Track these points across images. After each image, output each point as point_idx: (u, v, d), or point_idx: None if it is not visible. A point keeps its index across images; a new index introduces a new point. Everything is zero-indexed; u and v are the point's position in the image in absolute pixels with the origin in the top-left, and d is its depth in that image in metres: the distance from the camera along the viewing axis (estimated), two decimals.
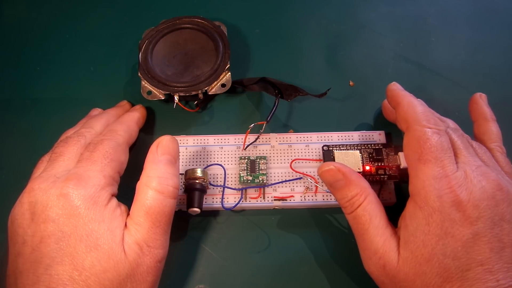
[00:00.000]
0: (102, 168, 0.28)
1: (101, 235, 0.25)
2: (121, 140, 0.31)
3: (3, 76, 0.41)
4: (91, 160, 0.28)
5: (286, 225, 0.34)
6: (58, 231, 0.25)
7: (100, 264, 0.24)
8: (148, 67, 0.37)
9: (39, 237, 0.25)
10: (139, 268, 0.26)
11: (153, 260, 0.26)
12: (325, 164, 0.29)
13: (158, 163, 0.28)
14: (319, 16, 0.43)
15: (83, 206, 0.25)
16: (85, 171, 0.27)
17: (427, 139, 0.27)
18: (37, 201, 0.26)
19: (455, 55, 0.41)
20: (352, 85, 0.40)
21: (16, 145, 0.37)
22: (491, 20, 0.43)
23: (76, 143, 0.30)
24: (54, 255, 0.24)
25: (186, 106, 0.38)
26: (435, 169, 0.26)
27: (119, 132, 0.32)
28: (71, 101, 0.39)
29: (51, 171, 0.28)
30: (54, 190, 0.26)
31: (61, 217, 0.25)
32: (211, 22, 0.39)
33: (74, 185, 0.26)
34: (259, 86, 0.37)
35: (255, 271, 0.32)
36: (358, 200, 0.28)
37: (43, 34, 0.43)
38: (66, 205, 0.25)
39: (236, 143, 0.36)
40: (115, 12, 0.44)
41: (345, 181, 0.28)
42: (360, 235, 0.28)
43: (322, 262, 0.32)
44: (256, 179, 0.34)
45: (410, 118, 0.28)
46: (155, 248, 0.27)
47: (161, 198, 0.27)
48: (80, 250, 0.24)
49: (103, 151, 0.29)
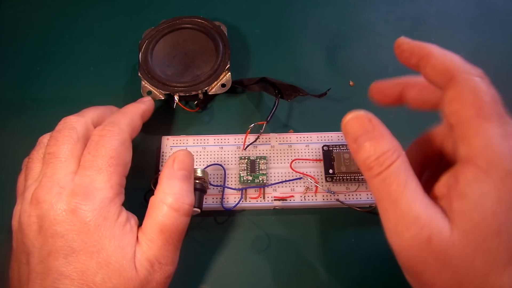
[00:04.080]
0: (109, 177, 0.26)
1: (112, 253, 0.24)
2: (125, 136, 0.28)
3: (3, 76, 0.41)
4: (95, 167, 0.26)
5: (286, 225, 0.34)
6: (67, 246, 0.24)
7: (111, 281, 0.24)
8: (148, 67, 0.37)
9: (47, 250, 0.24)
10: (149, 285, 0.25)
11: (163, 276, 0.26)
12: (353, 111, 0.24)
13: (174, 179, 0.27)
14: (319, 16, 0.43)
15: (93, 223, 0.24)
16: (90, 182, 0.26)
17: (487, 90, 0.22)
18: (44, 215, 0.25)
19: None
20: (352, 85, 0.40)
21: (16, 145, 0.37)
22: (491, 20, 0.43)
23: (68, 139, 0.27)
24: (63, 270, 0.24)
25: (186, 106, 0.38)
26: (501, 125, 0.21)
27: (121, 125, 0.29)
28: (71, 101, 0.39)
29: (51, 177, 0.26)
30: (60, 204, 0.25)
31: (70, 232, 0.24)
32: (211, 22, 0.39)
33: (81, 200, 0.25)
34: (259, 86, 0.37)
35: (255, 271, 0.32)
36: (389, 158, 0.22)
37: (43, 34, 0.43)
38: (75, 221, 0.24)
39: (236, 143, 0.36)
40: (115, 12, 0.44)
41: (375, 133, 0.23)
42: (392, 201, 0.22)
43: (322, 262, 0.32)
44: (256, 179, 0.34)
45: (455, 66, 0.23)
46: (166, 265, 0.26)
47: (176, 216, 0.26)
48: (91, 266, 0.24)
49: (107, 156, 0.27)
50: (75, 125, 0.28)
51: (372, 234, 0.33)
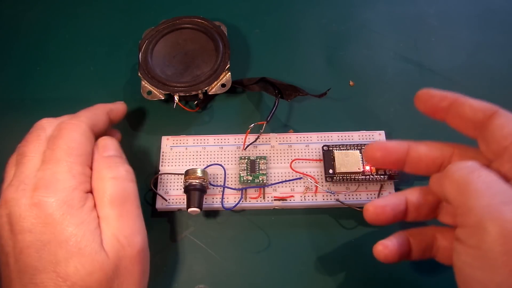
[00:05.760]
0: (69, 167, 0.26)
1: (82, 237, 0.25)
2: (83, 127, 0.28)
3: (3, 76, 0.41)
4: (54, 159, 0.26)
5: (286, 225, 0.34)
6: (36, 240, 0.24)
7: (84, 268, 0.24)
8: (148, 67, 0.37)
9: (19, 248, 0.24)
10: (122, 262, 0.26)
11: (134, 251, 0.26)
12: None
13: (102, 159, 0.28)
14: (319, 16, 0.43)
15: (57, 212, 0.25)
16: (52, 174, 0.26)
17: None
18: (11, 212, 0.25)
19: (455, 55, 0.41)
20: (352, 85, 0.40)
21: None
22: (491, 20, 0.43)
23: (36, 139, 0.28)
24: (36, 264, 0.24)
25: (186, 106, 0.38)
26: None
27: (81, 118, 0.29)
28: (71, 101, 0.39)
29: (19, 176, 0.26)
30: (24, 200, 0.25)
31: (37, 226, 0.24)
32: (211, 22, 0.39)
33: (44, 193, 0.25)
34: (259, 86, 0.37)
35: (255, 271, 0.32)
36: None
37: (43, 34, 0.43)
38: (40, 214, 0.24)
39: (236, 143, 0.36)
40: (115, 12, 0.44)
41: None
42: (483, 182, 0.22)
43: (322, 262, 0.32)
44: (256, 179, 0.34)
45: (491, 105, 0.24)
46: (132, 235, 0.27)
47: (118, 183, 0.27)
48: (61, 257, 0.24)
49: (65, 146, 0.27)
50: (45, 126, 0.29)
51: (372, 234, 0.33)
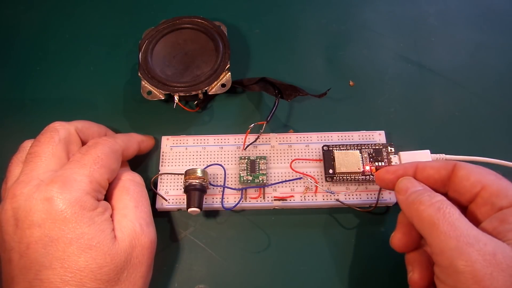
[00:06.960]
0: (90, 172, 0.27)
1: (93, 236, 0.25)
2: (117, 147, 0.30)
3: (3, 76, 0.41)
4: (80, 163, 0.27)
5: (286, 225, 0.34)
6: (44, 236, 0.24)
7: (96, 262, 0.24)
8: (148, 67, 0.37)
9: (25, 243, 0.24)
10: (134, 251, 0.26)
11: (147, 239, 0.27)
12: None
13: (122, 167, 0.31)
14: (319, 16, 0.43)
15: (69, 210, 0.25)
16: (71, 173, 0.26)
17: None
18: (20, 206, 0.25)
19: (455, 55, 0.41)
20: (352, 85, 0.40)
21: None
22: (491, 20, 0.43)
23: (50, 140, 0.28)
24: (42, 260, 0.24)
25: (186, 106, 0.38)
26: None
27: (117, 140, 0.31)
28: (71, 101, 0.39)
29: (30, 173, 0.26)
30: (37, 194, 0.25)
31: (46, 221, 0.24)
32: (211, 22, 0.39)
33: (58, 188, 0.25)
34: (259, 86, 0.37)
35: (255, 271, 0.32)
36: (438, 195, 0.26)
37: (43, 34, 0.43)
38: (51, 209, 0.24)
39: (236, 143, 0.36)
40: (115, 12, 0.44)
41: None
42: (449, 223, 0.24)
43: (322, 262, 0.32)
44: (256, 179, 0.34)
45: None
46: (146, 225, 0.28)
47: (135, 182, 0.30)
48: (71, 253, 0.24)
49: (95, 155, 0.28)
50: (58, 128, 0.29)
51: (372, 234, 0.33)
